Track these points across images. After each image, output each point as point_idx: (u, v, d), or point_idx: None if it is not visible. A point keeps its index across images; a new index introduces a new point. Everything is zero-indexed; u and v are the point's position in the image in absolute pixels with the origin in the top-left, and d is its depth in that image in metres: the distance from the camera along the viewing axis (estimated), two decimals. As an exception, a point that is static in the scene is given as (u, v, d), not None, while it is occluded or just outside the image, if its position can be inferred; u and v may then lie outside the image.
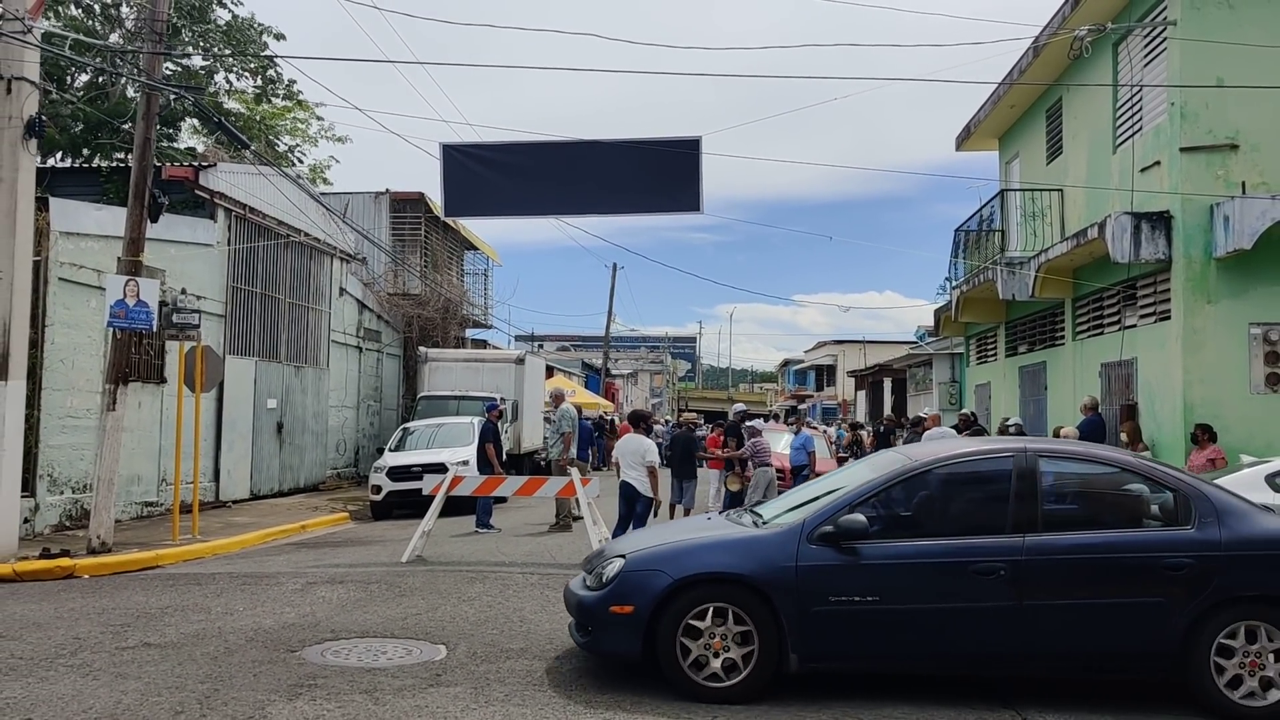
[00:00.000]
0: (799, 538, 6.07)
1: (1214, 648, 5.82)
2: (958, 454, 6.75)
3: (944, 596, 5.96)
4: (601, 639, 6.26)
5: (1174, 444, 12.38)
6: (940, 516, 6.46)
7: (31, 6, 11.31)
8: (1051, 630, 5.92)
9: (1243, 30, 12.17)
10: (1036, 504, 6.13)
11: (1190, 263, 12.33)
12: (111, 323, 11.97)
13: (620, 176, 13.42)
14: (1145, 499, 6.37)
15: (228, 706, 5.62)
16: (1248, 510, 6.16)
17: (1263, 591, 5.88)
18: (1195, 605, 5.83)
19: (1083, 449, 7.16)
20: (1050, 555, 5.95)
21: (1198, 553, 5.90)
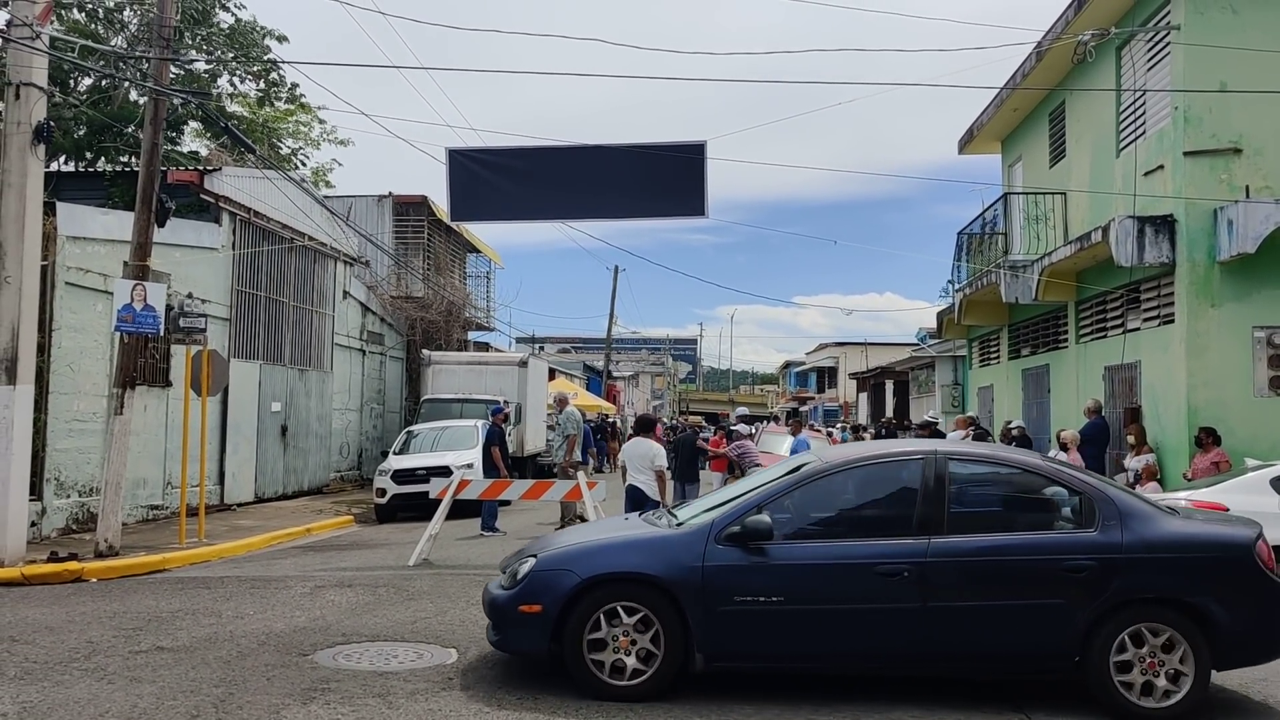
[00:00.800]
0: (707, 538, 6.15)
1: (1114, 649, 5.89)
2: (868, 456, 6.90)
3: (849, 597, 6.02)
4: (510, 637, 6.33)
5: (1178, 447, 12.42)
6: (848, 518, 6.57)
7: (40, 12, 11.35)
8: (955, 631, 5.98)
9: (1246, 35, 12.23)
10: (943, 506, 6.20)
11: (1194, 266, 12.38)
12: (119, 327, 12.01)
13: (626, 181, 13.44)
14: (1052, 502, 6.43)
15: (243, 710, 5.65)
16: (1152, 513, 6.21)
17: (1161, 593, 5.95)
18: (1095, 607, 5.89)
19: (993, 452, 7.23)
20: (954, 558, 6.01)
21: (1099, 555, 5.96)
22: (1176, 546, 6.02)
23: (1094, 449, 13.53)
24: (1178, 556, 5.99)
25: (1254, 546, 6.05)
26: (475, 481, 12.49)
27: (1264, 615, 6.05)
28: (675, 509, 7.45)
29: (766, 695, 6.17)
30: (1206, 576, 5.97)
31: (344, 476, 23.74)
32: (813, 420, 48.94)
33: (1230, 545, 6.10)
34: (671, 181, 13.31)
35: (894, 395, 35.34)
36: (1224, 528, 6.37)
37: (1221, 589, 5.95)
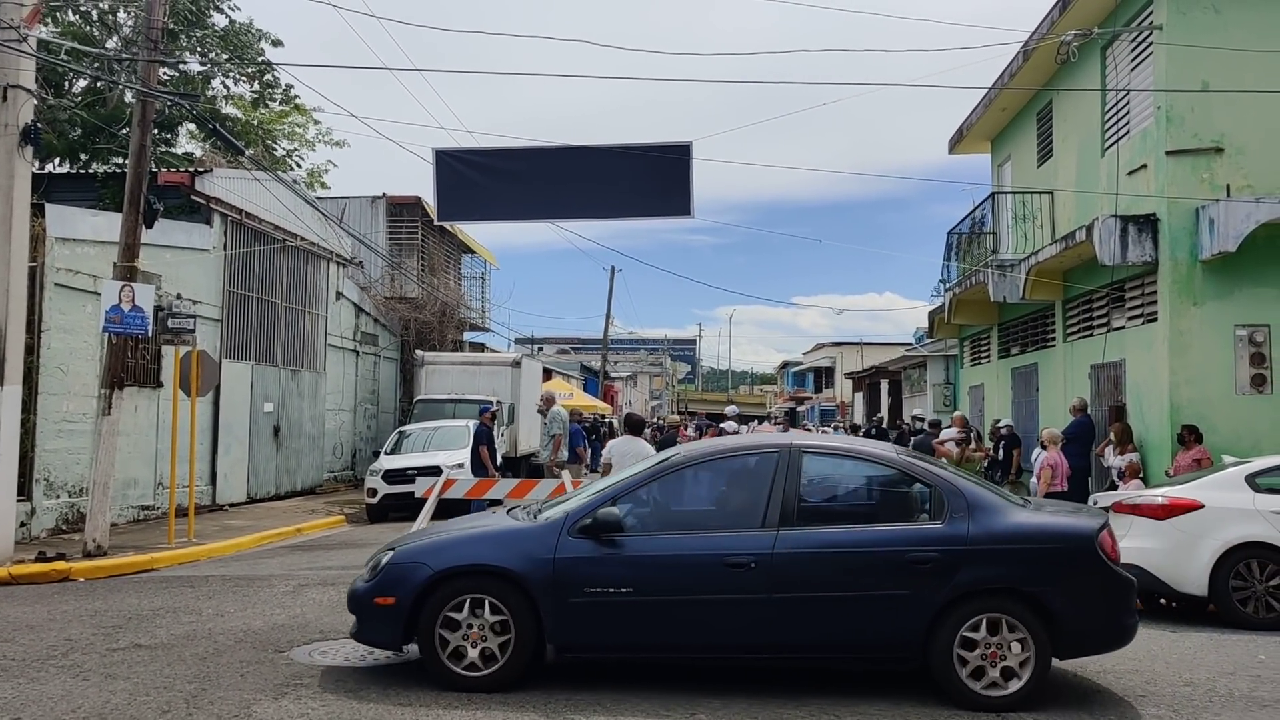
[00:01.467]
0: (560, 531, 6.25)
1: (958, 639, 5.97)
2: (724, 449, 7.01)
3: (697, 588, 6.11)
4: (366, 629, 6.41)
5: (1161, 444, 12.48)
6: (702, 510, 6.69)
7: (27, 15, 11.43)
8: (801, 621, 6.08)
9: (1228, 34, 12.28)
10: (795, 499, 6.29)
11: (1176, 265, 12.44)
12: (107, 328, 12.08)
13: (612, 181, 13.51)
14: (903, 494, 6.54)
15: (214, 706, 5.72)
16: (1001, 505, 6.30)
17: (1005, 584, 6.03)
18: (939, 598, 5.97)
19: (848, 445, 7.33)
20: (801, 549, 6.11)
21: (944, 547, 6.04)
22: (1020, 538, 6.11)
23: (1079, 447, 13.58)
24: (1021, 548, 6.08)
25: (1096, 538, 6.13)
26: (461, 480, 12.57)
27: (1106, 606, 6.17)
28: (543, 502, 7.61)
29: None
30: (1049, 568, 6.06)
31: (337, 477, 23.81)
32: (808, 420, 49.01)
33: (1072, 537, 6.19)
34: (658, 182, 13.38)
35: (889, 395, 35.40)
36: (1069, 519, 6.45)
37: (1064, 580, 6.05)
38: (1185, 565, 9.13)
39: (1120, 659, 7.46)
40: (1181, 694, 6.47)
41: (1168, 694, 6.46)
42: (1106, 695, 6.49)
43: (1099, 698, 6.42)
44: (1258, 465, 9.57)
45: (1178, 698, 6.38)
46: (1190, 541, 9.13)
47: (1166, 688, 6.62)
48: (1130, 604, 6.28)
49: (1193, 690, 6.58)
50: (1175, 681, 6.80)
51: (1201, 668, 7.25)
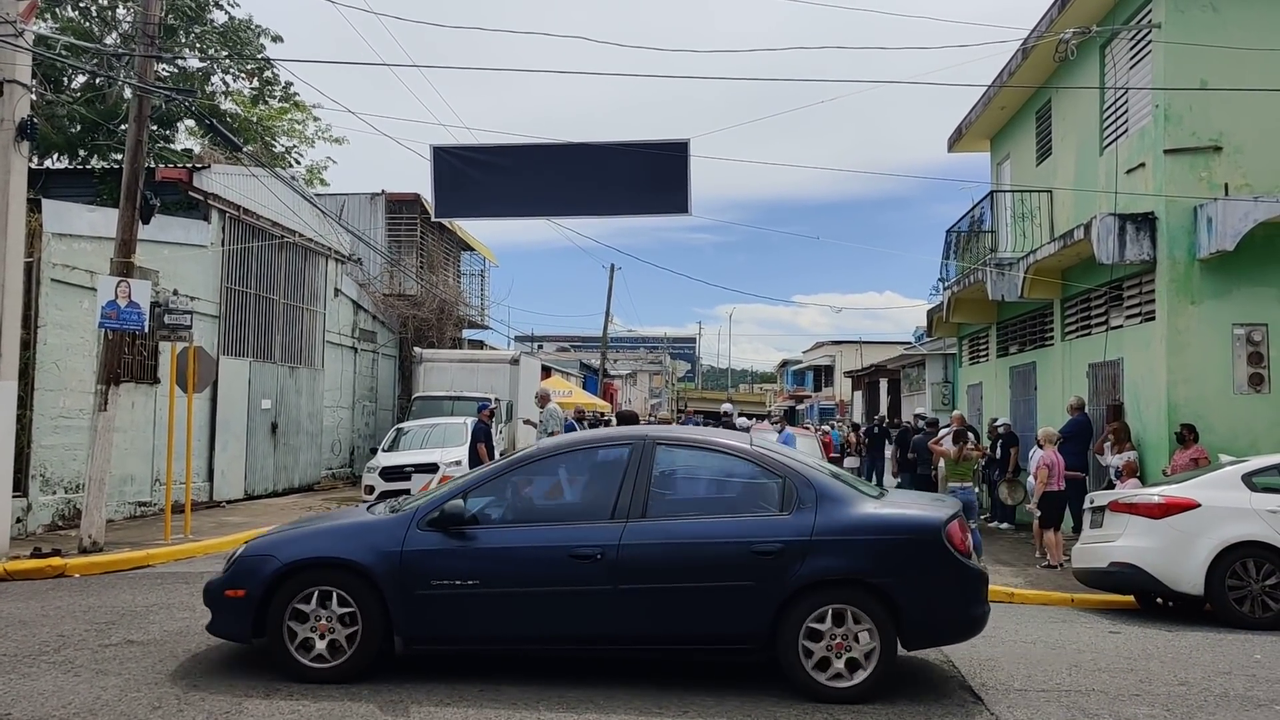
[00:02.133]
0: (409, 524, 6.30)
1: (803, 629, 6.00)
2: (579, 441, 7.12)
3: (544, 581, 6.16)
4: (216, 622, 6.45)
5: (1158, 443, 12.46)
6: (554, 502, 6.74)
7: (23, 10, 11.39)
8: (647, 613, 6.12)
9: (1227, 33, 12.25)
10: (645, 491, 6.32)
11: (1174, 264, 12.42)
12: (103, 324, 12.05)
13: (610, 178, 13.48)
14: (753, 486, 6.54)
15: (205, 702, 5.70)
16: (851, 497, 6.32)
17: (850, 575, 6.04)
18: (784, 589, 6.01)
19: (703, 437, 7.32)
20: (647, 542, 6.14)
21: (789, 538, 6.07)
22: (866, 529, 6.13)
23: (1076, 445, 13.56)
24: (867, 539, 6.10)
25: (943, 529, 6.13)
26: (456, 477, 12.52)
27: (954, 597, 6.19)
28: (411, 496, 7.66)
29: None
30: (895, 559, 6.08)
31: (335, 474, 23.79)
32: (809, 419, 48.99)
33: (918, 528, 6.20)
34: (655, 179, 13.35)
35: (888, 394, 35.37)
36: (916, 511, 6.46)
37: (910, 571, 6.07)
38: (1181, 564, 9.13)
39: (1115, 657, 7.47)
40: (1176, 693, 6.46)
41: (1163, 693, 6.45)
42: (952, 685, 6.51)
43: (945, 688, 6.44)
44: (1254, 464, 9.57)
45: (1173, 697, 6.37)
46: (1187, 540, 9.13)
47: (1161, 687, 6.62)
48: (979, 594, 6.29)
49: (1188, 689, 6.57)
50: (1170, 681, 6.80)
51: (1197, 667, 7.24)
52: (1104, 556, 9.72)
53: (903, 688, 6.35)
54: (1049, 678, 6.80)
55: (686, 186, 13.31)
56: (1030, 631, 8.53)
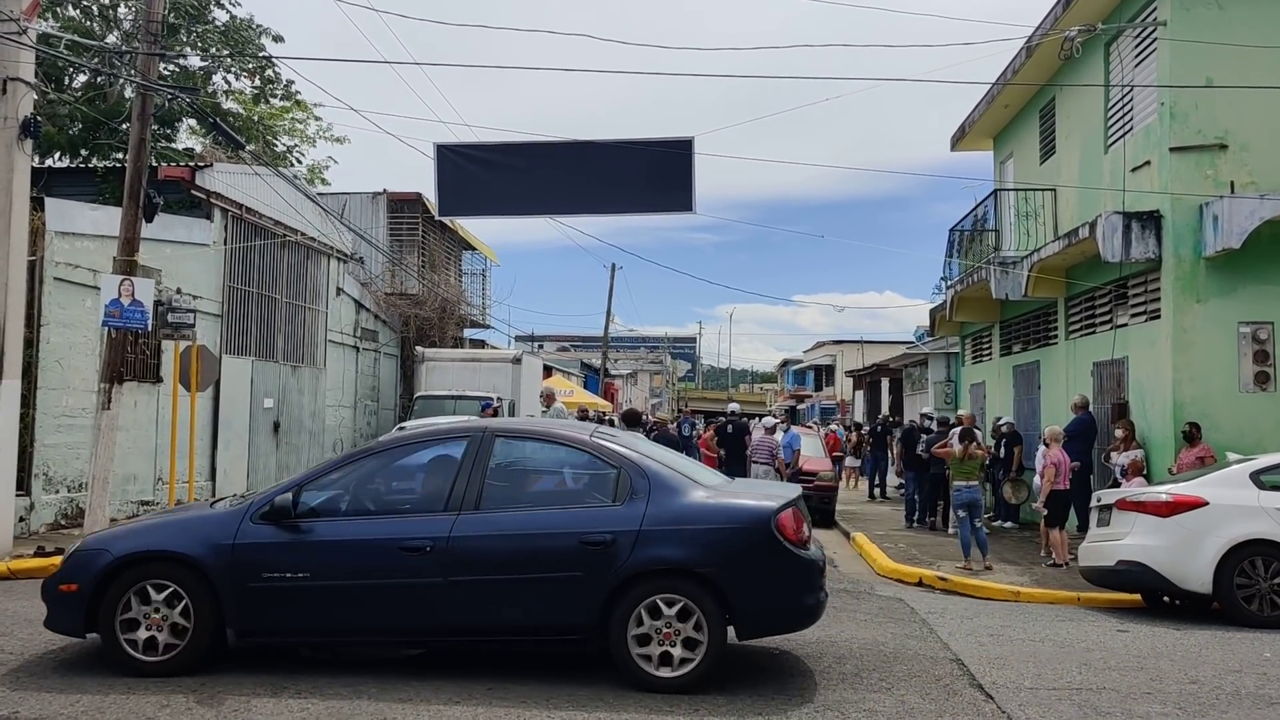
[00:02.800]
0: (243, 517, 6.32)
1: (632, 620, 6.01)
2: (419, 434, 7.15)
3: (375, 573, 6.18)
4: (51, 617, 6.43)
5: (1164, 442, 12.44)
6: (390, 494, 6.73)
7: (26, 7, 11.37)
8: (477, 604, 6.14)
9: (1232, 30, 12.23)
10: (480, 483, 6.34)
11: (1180, 262, 12.39)
12: (106, 322, 12.03)
13: (613, 177, 13.46)
14: (588, 476, 6.57)
15: (213, 700, 5.68)
16: (684, 486, 6.32)
17: (679, 565, 6.05)
18: (613, 579, 6.03)
19: (543, 428, 7.33)
20: (478, 533, 6.17)
21: (618, 529, 6.08)
22: (696, 519, 6.14)
23: (1081, 444, 13.54)
24: (696, 529, 6.11)
25: (773, 519, 6.13)
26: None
27: (785, 586, 6.20)
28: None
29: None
30: (724, 548, 6.08)
31: (338, 473, 23.72)
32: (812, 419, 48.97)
33: (748, 517, 6.21)
34: (659, 177, 13.33)
35: (889, 393, 35.35)
36: (748, 501, 6.46)
37: (740, 561, 6.08)
38: (1189, 562, 9.10)
39: (1125, 656, 7.45)
40: (1188, 691, 6.44)
41: (1174, 691, 6.43)
42: (962, 684, 6.48)
43: (955, 686, 6.41)
44: (1263, 462, 9.54)
45: (1184, 695, 6.34)
46: (1194, 539, 9.10)
47: (1173, 685, 6.59)
48: (812, 584, 6.30)
49: (1199, 688, 6.55)
50: (1181, 679, 6.77)
51: (1207, 665, 7.22)
52: (1111, 555, 9.70)
53: (913, 686, 6.33)
54: (1059, 676, 6.77)
55: (690, 185, 13.29)
56: (1038, 630, 8.50)
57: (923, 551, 13.24)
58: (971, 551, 11.95)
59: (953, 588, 10.95)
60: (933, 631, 8.19)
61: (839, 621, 8.47)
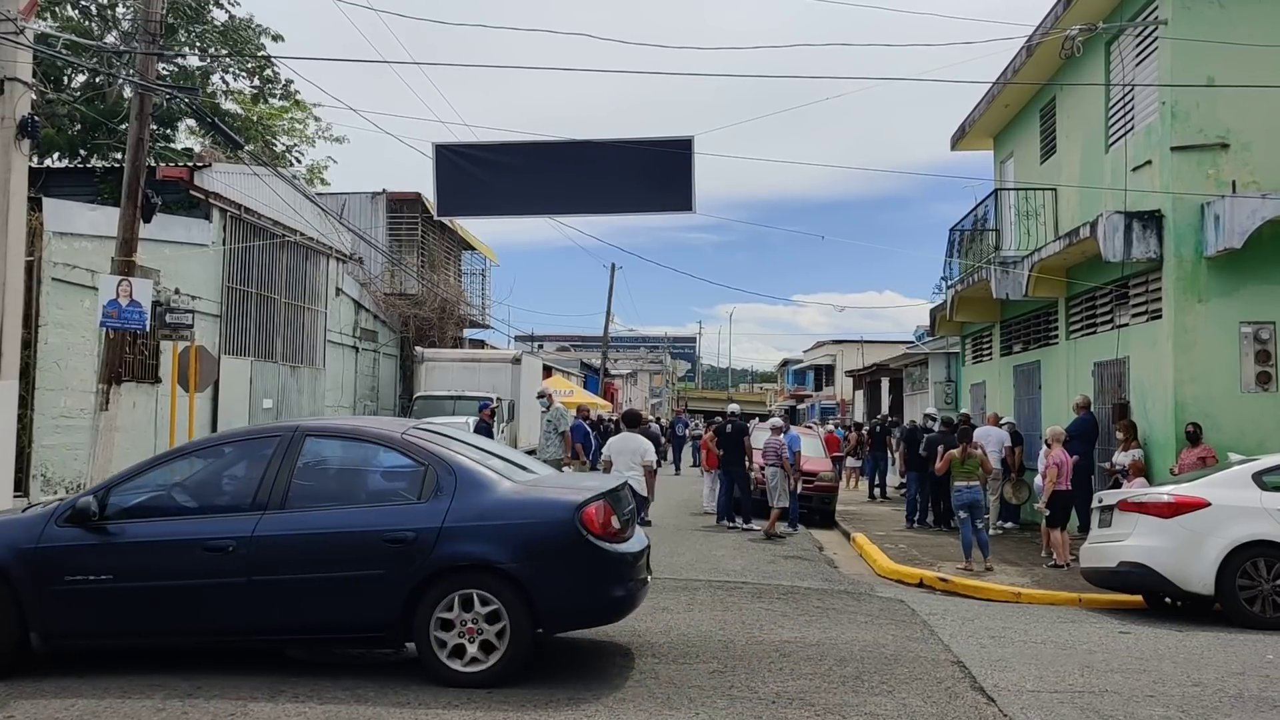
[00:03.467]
0: (48, 520, 6.30)
1: (434, 616, 6.02)
2: (230, 434, 7.16)
3: (178, 573, 6.18)
4: None
5: (1165, 442, 12.40)
6: (198, 495, 6.70)
7: (24, 7, 11.32)
8: (280, 604, 6.14)
9: (1233, 29, 12.18)
10: (287, 482, 6.33)
11: (1181, 262, 12.35)
12: (104, 323, 12.00)
13: (613, 176, 13.42)
14: (395, 474, 6.55)
15: (209, 704, 5.64)
16: (490, 483, 6.33)
17: (479, 561, 6.05)
18: (415, 576, 6.02)
19: (353, 427, 7.28)
20: (281, 533, 6.16)
21: (420, 526, 6.09)
22: (499, 514, 6.15)
23: (1082, 445, 13.49)
24: (499, 524, 6.11)
25: (577, 514, 6.13)
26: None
27: (590, 581, 6.21)
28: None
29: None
30: (526, 543, 6.09)
31: (337, 473, 23.70)
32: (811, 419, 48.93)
33: (551, 512, 6.21)
34: (659, 176, 13.29)
35: (889, 393, 35.32)
36: (552, 496, 6.45)
37: (541, 555, 6.09)
38: (1191, 564, 9.06)
39: (1127, 658, 7.41)
40: (1191, 694, 6.40)
41: (1177, 694, 6.39)
42: (964, 687, 6.44)
43: (957, 689, 6.37)
44: (1265, 463, 9.49)
45: (1187, 698, 6.30)
46: (1196, 540, 9.06)
47: (1175, 688, 6.55)
48: (620, 577, 6.31)
49: (1202, 690, 6.51)
50: (1184, 681, 6.73)
51: (1210, 667, 7.18)
52: (1113, 556, 9.66)
53: (914, 689, 6.30)
54: (1061, 679, 6.73)
55: (690, 184, 13.26)
56: (1039, 632, 8.46)
57: (923, 552, 13.20)
58: (972, 553, 11.91)
59: (954, 589, 10.92)
60: (934, 633, 8.15)
61: (839, 623, 8.44)
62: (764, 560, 12.51)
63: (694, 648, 7.27)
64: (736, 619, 8.42)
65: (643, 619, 8.19)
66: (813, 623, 8.41)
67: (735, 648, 7.32)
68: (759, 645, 7.43)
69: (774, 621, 8.39)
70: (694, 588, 9.96)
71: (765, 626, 8.16)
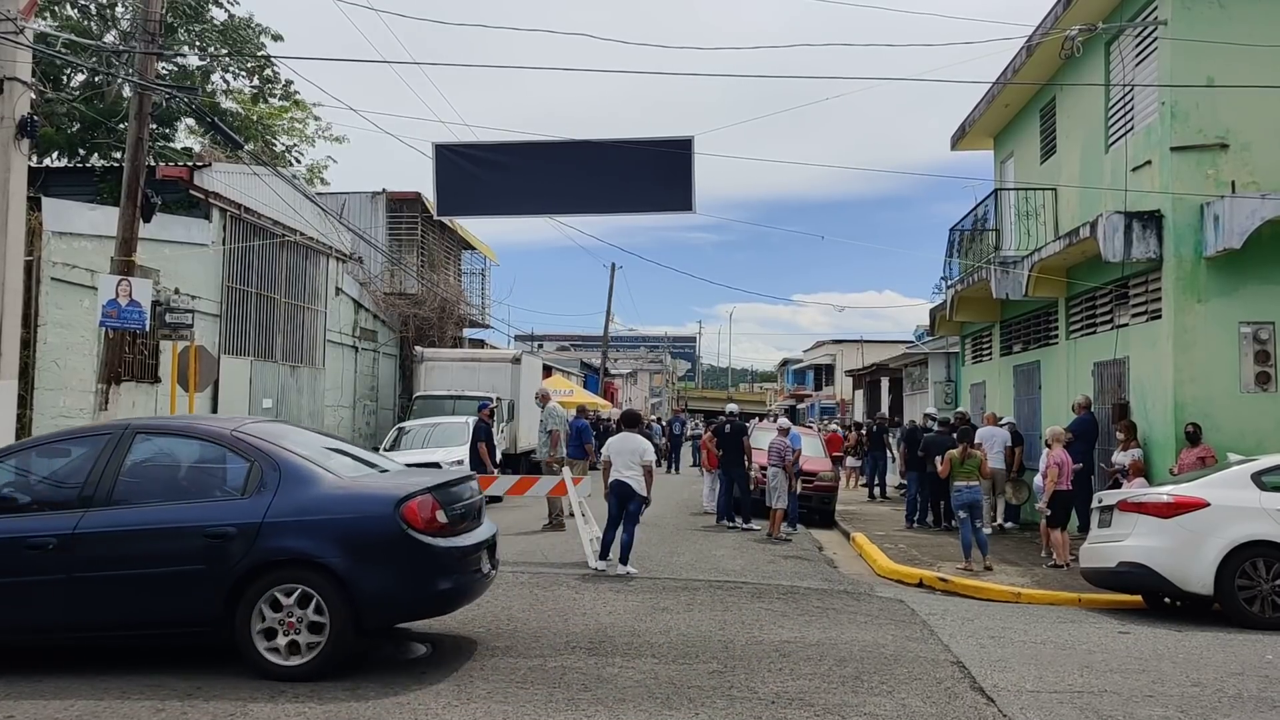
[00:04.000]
0: None
1: (255, 611, 6.09)
2: (63, 432, 7.25)
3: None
4: None
5: (1165, 442, 12.40)
6: (26, 492, 6.72)
7: (23, 7, 11.32)
8: (103, 601, 6.17)
9: (1233, 29, 12.18)
10: (113, 480, 6.38)
11: (1181, 262, 12.35)
12: (104, 322, 12.00)
13: (612, 176, 13.42)
14: (221, 471, 6.59)
15: (209, 704, 5.64)
16: (315, 478, 6.39)
17: (299, 556, 6.12)
18: (235, 572, 6.09)
19: (184, 424, 7.32)
20: (103, 529, 6.21)
21: (241, 521, 6.16)
22: (320, 509, 6.22)
23: (1083, 445, 13.49)
24: (320, 519, 6.19)
25: (397, 508, 6.20)
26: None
27: (410, 574, 6.26)
28: None
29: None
30: (346, 538, 6.16)
31: (337, 473, 23.69)
32: (810, 418, 48.95)
33: (370, 508, 6.29)
34: (659, 176, 13.29)
35: (889, 392, 35.31)
36: (373, 490, 6.52)
37: (361, 550, 6.16)
38: (1191, 564, 9.06)
39: (1126, 658, 7.41)
40: (1190, 694, 6.40)
41: (1176, 694, 6.39)
42: (964, 687, 6.44)
43: (956, 689, 6.36)
44: (1264, 463, 9.49)
45: (1186, 698, 6.30)
46: (1196, 540, 9.06)
47: (1174, 688, 6.55)
48: (443, 570, 6.37)
49: (1201, 690, 6.51)
50: (1183, 681, 6.73)
51: (1209, 668, 7.18)
52: (1112, 556, 9.66)
53: (914, 689, 6.30)
54: (1061, 679, 6.73)
55: (690, 184, 13.25)
56: (1039, 632, 8.46)
57: (923, 552, 13.20)
58: (972, 552, 11.91)
59: (953, 589, 10.92)
60: (933, 633, 8.16)
61: (839, 623, 8.44)
62: (764, 560, 12.51)
63: (694, 648, 7.28)
64: (736, 619, 8.42)
65: (642, 619, 8.21)
66: (812, 623, 8.41)
67: (735, 648, 7.32)
68: (759, 645, 7.43)
69: (774, 621, 8.39)
70: (694, 588, 9.96)
71: (765, 626, 8.16)
